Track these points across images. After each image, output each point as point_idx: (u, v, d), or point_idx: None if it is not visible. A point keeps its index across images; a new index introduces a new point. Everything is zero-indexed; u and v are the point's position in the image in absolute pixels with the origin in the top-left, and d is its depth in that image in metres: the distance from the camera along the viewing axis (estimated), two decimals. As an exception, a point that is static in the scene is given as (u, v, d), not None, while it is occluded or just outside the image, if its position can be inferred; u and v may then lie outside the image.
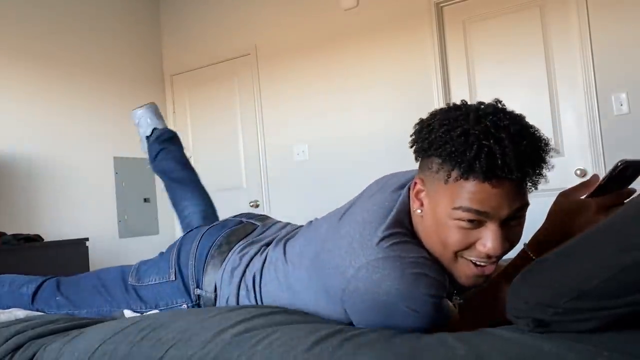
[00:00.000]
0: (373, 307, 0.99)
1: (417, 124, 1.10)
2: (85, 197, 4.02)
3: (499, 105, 1.07)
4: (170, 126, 4.67)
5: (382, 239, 1.02)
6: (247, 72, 4.31)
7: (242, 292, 1.27)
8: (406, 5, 3.59)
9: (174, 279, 1.40)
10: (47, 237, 3.55)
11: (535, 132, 1.00)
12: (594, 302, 0.85)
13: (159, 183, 4.60)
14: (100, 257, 3.92)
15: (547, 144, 0.99)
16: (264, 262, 1.27)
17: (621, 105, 2.96)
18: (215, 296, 1.32)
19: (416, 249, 1.03)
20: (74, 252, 3.52)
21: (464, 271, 1.02)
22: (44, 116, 3.86)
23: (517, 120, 1.00)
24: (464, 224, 0.96)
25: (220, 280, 1.32)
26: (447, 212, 0.97)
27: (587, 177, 3.11)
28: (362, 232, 1.06)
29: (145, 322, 1.12)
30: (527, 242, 1.09)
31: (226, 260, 1.34)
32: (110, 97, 4.30)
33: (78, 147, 4.03)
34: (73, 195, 3.94)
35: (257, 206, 4.27)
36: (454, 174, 0.95)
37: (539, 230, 1.09)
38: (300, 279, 1.18)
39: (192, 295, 1.35)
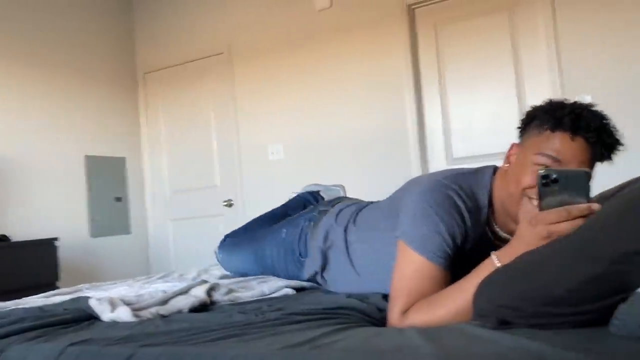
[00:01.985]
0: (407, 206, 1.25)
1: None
2: (55, 196, 3.96)
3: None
4: (143, 125, 4.64)
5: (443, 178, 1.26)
6: (221, 71, 4.30)
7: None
8: (379, 6, 3.63)
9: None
10: (16, 237, 3.49)
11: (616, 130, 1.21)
12: (559, 309, 0.88)
13: (131, 182, 4.57)
14: (70, 256, 3.87)
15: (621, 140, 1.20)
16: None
17: (586, 107, 3.04)
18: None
19: (464, 193, 1.23)
20: (42, 252, 3.47)
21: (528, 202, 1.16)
22: (14, 114, 3.79)
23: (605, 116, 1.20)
24: (539, 167, 1.12)
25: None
26: (531, 157, 1.16)
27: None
28: (429, 176, 1.32)
29: (118, 328, 1.13)
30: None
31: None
32: (82, 95, 4.24)
33: (48, 146, 3.96)
34: (42, 194, 3.88)
35: (230, 205, 4.26)
36: (546, 126, 1.16)
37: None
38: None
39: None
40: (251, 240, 1.86)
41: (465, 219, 1.21)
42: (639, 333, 0.81)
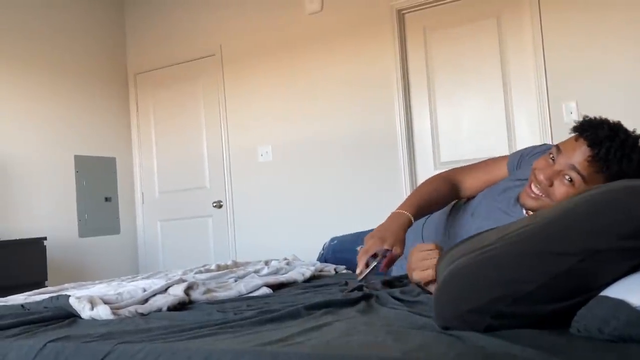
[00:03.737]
0: None
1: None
2: (44, 195, 3.96)
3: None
4: (134, 126, 4.65)
5: None
6: (212, 73, 4.31)
7: None
8: (369, 11, 3.66)
9: None
10: (4, 236, 3.48)
11: (632, 154, 1.32)
12: (526, 308, 0.90)
13: (121, 183, 4.57)
14: (59, 256, 3.87)
15: (631, 163, 1.31)
16: None
17: (571, 113, 3.09)
18: None
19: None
20: (31, 251, 3.47)
21: (526, 190, 1.43)
22: (3, 114, 3.79)
23: (634, 139, 1.35)
24: (548, 155, 1.39)
25: None
26: (553, 148, 1.40)
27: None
28: None
29: (97, 326, 1.15)
30: None
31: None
32: (72, 95, 4.24)
33: (38, 145, 3.97)
34: (31, 193, 3.88)
35: (220, 206, 4.28)
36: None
37: None
38: None
39: None
40: None
41: None
42: (598, 336, 0.83)
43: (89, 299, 1.25)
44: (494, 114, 3.32)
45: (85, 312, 1.22)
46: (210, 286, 1.43)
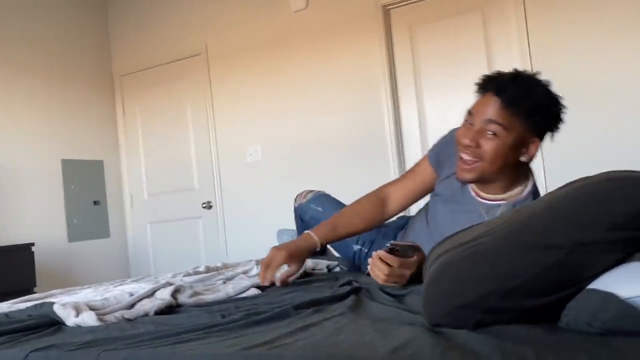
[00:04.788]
0: None
1: None
2: (31, 200, 3.91)
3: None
4: (120, 128, 4.61)
5: None
6: (198, 73, 4.29)
7: None
8: (354, 7, 3.65)
9: None
10: (-10, 242, 3.45)
11: (537, 88, 1.40)
12: (515, 302, 0.89)
13: (110, 186, 4.54)
14: (48, 261, 3.83)
15: (539, 95, 1.39)
16: None
17: (557, 105, 3.09)
18: None
19: None
20: (19, 257, 3.43)
21: (459, 165, 1.45)
22: (-14, 118, 3.74)
23: (536, 78, 1.44)
24: (465, 122, 1.43)
25: None
26: (465, 115, 1.46)
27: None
28: None
29: (82, 333, 1.13)
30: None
31: None
32: (57, 99, 4.19)
33: (24, 150, 3.92)
34: (18, 198, 3.83)
35: (210, 207, 4.25)
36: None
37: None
38: None
39: None
40: None
41: None
42: (587, 329, 0.83)
43: (74, 306, 1.23)
44: (481, 108, 3.32)
45: (70, 319, 1.20)
46: (198, 289, 1.42)
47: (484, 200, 1.50)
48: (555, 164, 3.08)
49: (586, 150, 3.00)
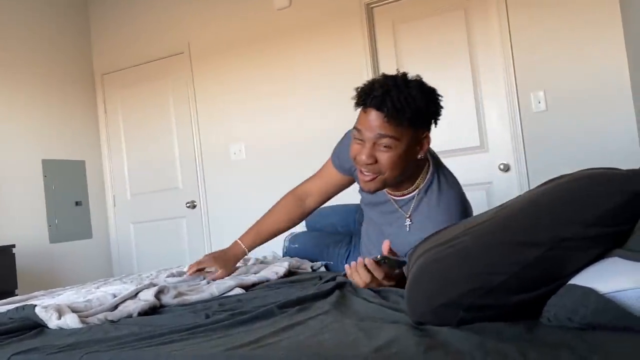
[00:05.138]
0: None
1: None
2: (11, 201, 3.85)
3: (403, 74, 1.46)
4: (102, 127, 4.56)
5: None
6: (181, 71, 4.25)
7: None
8: (337, 5, 3.65)
9: None
10: (-31, 245, 3.39)
11: (412, 91, 1.38)
12: (499, 298, 0.90)
13: (92, 186, 4.48)
14: (29, 263, 3.78)
15: (417, 98, 1.38)
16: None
17: (539, 102, 3.12)
18: None
19: None
20: (-1, 259, 3.38)
21: (361, 178, 1.47)
22: (-36, 118, 3.68)
23: (407, 80, 1.42)
24: (355, 139, 1.43)
25: None
26: (353, 131, 1.45)
27: (510, 172, 3.24)
28: None
29: (65, 336, 1.12)
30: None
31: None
32: (37, 98, 4.13)
33: (4, 150, 3.85)
34: (-2, 200, 3.77)
35: (194, 207, 4.23)
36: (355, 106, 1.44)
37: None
38: None
39: None
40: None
41: None
42: (568, 324, 0.84)
43: (57, 308, 1.21)
44: (464, 105, 3.34)
45: (53, 322, 1.19)
46: (182, 289, 1.41)
47: (398, 198, 1.56)
48: (539, 163, 3.11)
49: (568, 146, 3.03)
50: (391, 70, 1.59)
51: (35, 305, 1.26)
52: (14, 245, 3.47)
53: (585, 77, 3.02)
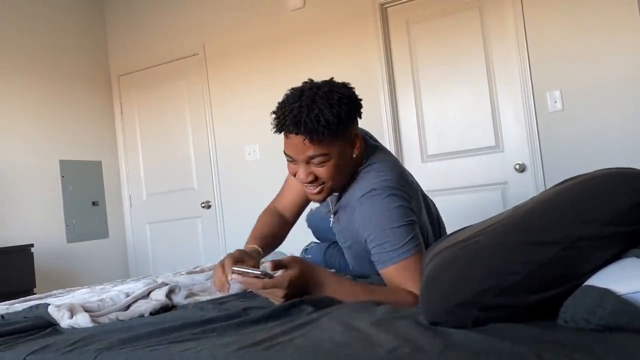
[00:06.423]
0: None
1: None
2: (29, 201, 3.91)
3: (312, 81, 1.48)
4: (118, 128, 4.60)
5: None
6: (196, 72, 4.28)
7: None
8: (351, 5, 3.64)
9: None
10: (-12, 244, 3.44)
11: (323, 103, 1.35)
12: (514, 298, 0.89)
13: (108, 186, 4.53)
14: (47, 262, 3.83)
15: (331, 109, 1.34)
16: None
17: (555, 102, 3.08)
18: None
19: None
20: (18, 259, 3.42)
21: (307, 192, 1.47)
22: (-17, 119, 3.73)
23: (313, 93, 1.39)
24: (289, 161, 1.43)
25: None
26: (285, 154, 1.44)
27: (526, 172, 3.20)
28: None
29: (77, 335, 1.12)
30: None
31: None
32: (55, 100, 4.18)
33: (21, 151, 3.91)
34: (17, 200, 3.82)
35: (209, 207, 4.24)
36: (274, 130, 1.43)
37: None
38: None
39: None
40: None
41: None
42: (585, 326, 0.82)
43: (69, 307, 1.22)
44: (479, 105, 3.31)
45: (64, 321, 1.20)
46: (194, 289, 1.41)
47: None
48: (555, 163, 3.07)
49: (584, 146, 2.99)
50: (405, 70, 1.56)
51: (48, 305, 1.27)
52: (32, 245, 3.51)
53: (602, 77, 2.97)
